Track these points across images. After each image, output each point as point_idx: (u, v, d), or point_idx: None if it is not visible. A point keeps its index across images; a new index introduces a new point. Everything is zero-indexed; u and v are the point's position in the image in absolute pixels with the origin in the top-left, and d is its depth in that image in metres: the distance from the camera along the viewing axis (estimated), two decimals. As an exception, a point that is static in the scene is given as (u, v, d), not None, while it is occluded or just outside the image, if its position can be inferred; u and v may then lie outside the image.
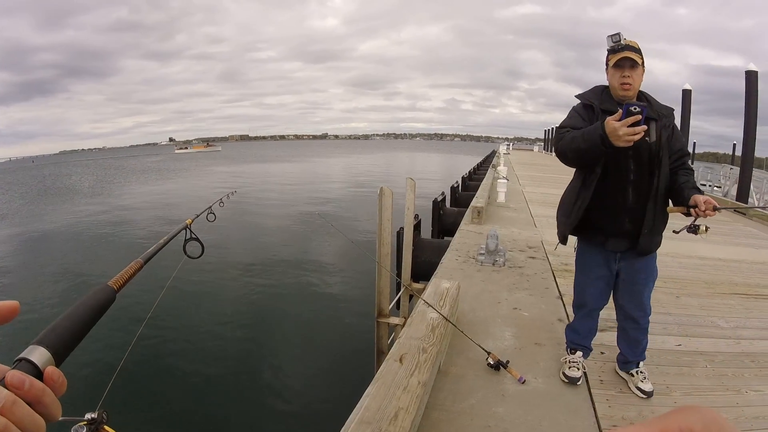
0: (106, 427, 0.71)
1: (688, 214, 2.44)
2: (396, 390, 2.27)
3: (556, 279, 5.06)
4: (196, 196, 26.41)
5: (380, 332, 5.15)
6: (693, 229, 2.47)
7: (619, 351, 3.02)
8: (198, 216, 2.79)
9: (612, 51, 2.48)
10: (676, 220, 2.60)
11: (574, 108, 2.69)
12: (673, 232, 2.57)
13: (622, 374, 3.02)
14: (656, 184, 2.51)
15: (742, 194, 13.47)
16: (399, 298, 5.64)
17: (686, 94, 18.02)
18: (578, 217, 2.64)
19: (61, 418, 0.56)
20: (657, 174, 2.51)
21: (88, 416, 0.69)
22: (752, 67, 12.88)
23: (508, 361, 3.00)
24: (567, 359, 3.03)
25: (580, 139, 2.39)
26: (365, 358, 5.61)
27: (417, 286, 5.76)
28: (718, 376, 3.19)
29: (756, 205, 13.86)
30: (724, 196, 16.57)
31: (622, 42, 2.45)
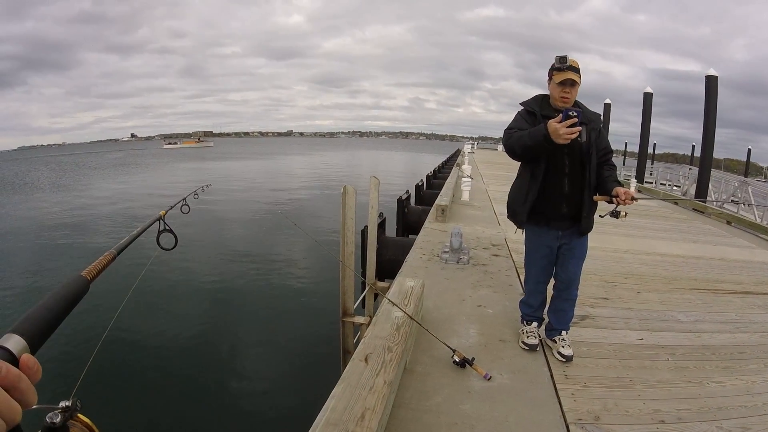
0: (80, 415, 0.73)
1: (610, 202, 2.94)
2: (362, 390, 2.24)
3: (520, 276, 5.05)
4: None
5: (345, 332, 5.10)
6: (615, 214, 2.92)
7: (547, 321, 3.46)
8: (172, 207, 2.75)
9: (558, 69, 2.91)
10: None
11: (519, 113, 3.18)
12: (599, 216, 3.12)
13: (548, 342, 3.42)
14: (588, 176, 3.01)
15: (701, 193, 13.81)
16: (364, 297, 5.59)
17: (647, 97, 18.43)
18: (531, 203, 3.09)
19: (36, 406, 0.57)
20: (588, 167, 3.00)
21: (62, 404, 0.70)
22: (712, 72, 13.20)
23: (473, 358, 3.00)
24: (524, 330, 3.45)
25: (527, 138, 2.87)
26: (331, 358, 5.56)
27: (382, 284, 5.70)
28: (680, 369, 3.24)
29: (714, 204, 14.28)
30: (683, 194, 17.02)
31: (567, 63, 2.88)
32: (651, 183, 21.39)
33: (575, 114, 2.63)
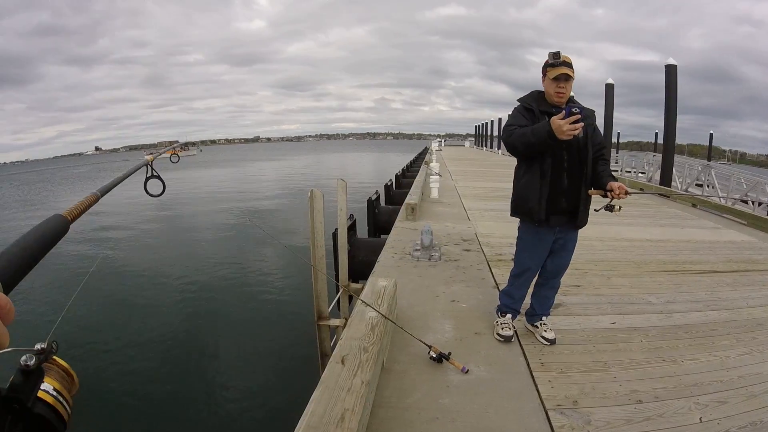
0: (55, 357, 0.70)
1: (604, 196, 3.00)
2: (340, 392, 2.21)
3: (492, 269, 5.09)
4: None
5: (322, 335, 5.05)
6: (609, 208, 2.98)
7: (529, 306, 3.53)
8: (160, 154, 2.70)
9: (552, 65, 2.95)
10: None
11: (516, 109, 3.18)
12: (594, 210, 3.11)
13: (530, 327, 3.53)
14: (585, 171, 3.06)
15: (665, 179, 14.09)
16: (338, 300, 5.55)
17: (609, 88, 18.72)
18: (546, 200, 3.07)
19: (9, 348, 0.56)
20: (586, 163, 3.05)
21: (37, 346, 0.68)
22: (671, 61, 13.46)
23: (449, 353, 2.98)
24: (498, 321, 3.49)
25: (530, 134, 2.89)
26: (311, 362, 5.50)
27: (355, 286, 5.65)
28: (653, 349, 3.28)
29: (679, 189, 14.57)
30: (649, 181, 17.34)
31: (560, 59, 2.92)
32: (617, 171, 21.77)
33: (578, 111, 2.70)
